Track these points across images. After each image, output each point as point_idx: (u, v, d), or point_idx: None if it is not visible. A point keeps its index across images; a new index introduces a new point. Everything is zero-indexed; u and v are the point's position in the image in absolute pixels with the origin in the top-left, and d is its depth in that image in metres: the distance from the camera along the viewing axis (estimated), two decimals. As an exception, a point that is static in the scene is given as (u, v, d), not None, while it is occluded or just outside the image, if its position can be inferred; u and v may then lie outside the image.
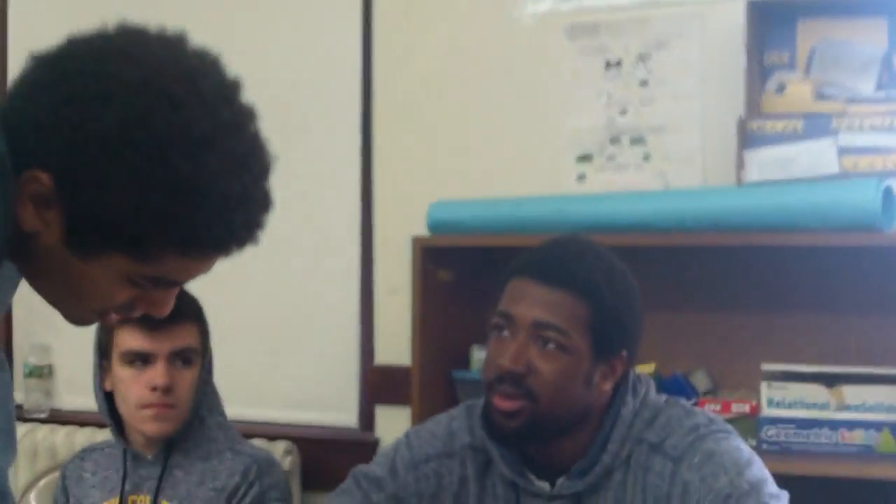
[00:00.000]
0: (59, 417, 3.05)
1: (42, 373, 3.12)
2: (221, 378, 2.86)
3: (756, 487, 1.48)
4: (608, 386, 1.58)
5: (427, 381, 2.32)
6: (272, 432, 2.77)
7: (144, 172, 0.93)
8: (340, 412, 2.81)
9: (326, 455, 2.68)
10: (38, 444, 2.93)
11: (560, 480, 1.59)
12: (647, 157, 2.44)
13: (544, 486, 1.60)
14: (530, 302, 1.55)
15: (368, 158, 2.74)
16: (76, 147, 0.93)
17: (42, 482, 2.59)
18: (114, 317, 1.06)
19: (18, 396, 3.23)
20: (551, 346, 1.53)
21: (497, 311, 1.60)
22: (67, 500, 2.12)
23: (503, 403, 1.54)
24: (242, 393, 2.90)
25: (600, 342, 1.56)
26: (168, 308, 1.07)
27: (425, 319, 2.32)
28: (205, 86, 0.97)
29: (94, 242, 0.97)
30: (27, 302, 3.09)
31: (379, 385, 2.72)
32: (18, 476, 2.86)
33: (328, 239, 2.82)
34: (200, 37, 1.04)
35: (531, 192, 2.44)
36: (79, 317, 1.06)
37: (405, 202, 2.61)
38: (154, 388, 1.97)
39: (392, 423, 2.58)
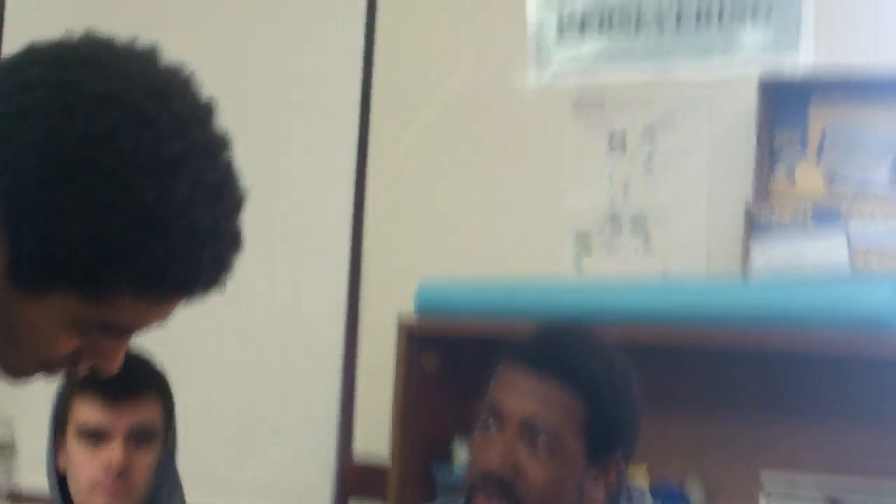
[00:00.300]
0: (21, 497, 2.89)
1: (3, 449, 2.96)
2: (187, 462, 2.72)
3: None
4: (601, 493, 1.45)
5: (406, 477, 2.17)
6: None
7: (105, 196, 0.82)
8: None
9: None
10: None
11: None
12: (647, 241, 2.31)
13: None
14: (521, 395, 1.43)
15: (359, 230, 2.62)
16: (30, 164, 0.83)
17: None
18: (56, 370, 0.94)
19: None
20: (542, 447, 1.40)
21: (485, 401, 1.46)
22: None
23: None
24: (209, 479, 2.75)
25: (595, 443, 1.43)
26: (117, 362, 0.94)
27: (407, 409, 2.17)
28: (177, 104, 0.87)
29: (41, 276, 0.85)
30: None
31: (356, 478, 2.56)
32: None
33: (311, 315, 2.68)
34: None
35: (527, 271, 2.32)
36: (16, 367, 0.93)
37: (395, 278, 2.49)
38: (108, 470, 1.83)
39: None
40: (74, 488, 1.87)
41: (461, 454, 2.17)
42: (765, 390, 2.11)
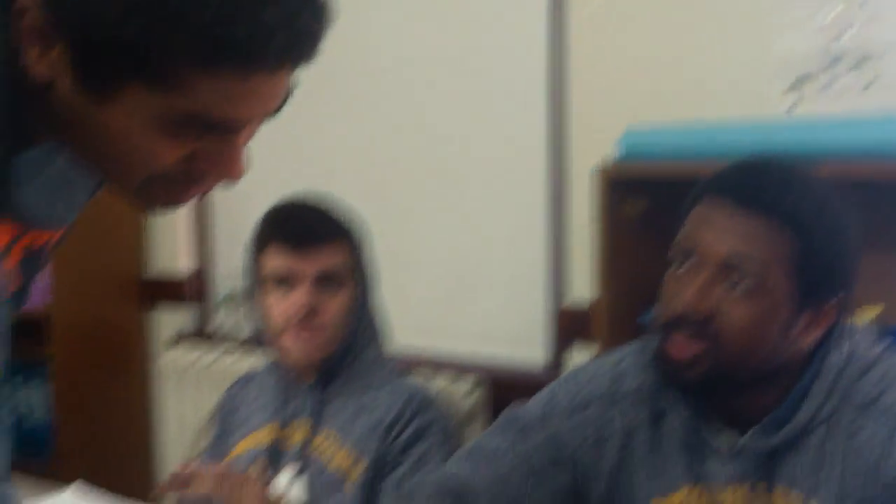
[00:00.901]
0: (253, 346, 3.00)
1: (230, 299, 3.10)
2: (405, 310, 2.79)
3: None
4: (812, 337, 1.30)
5: (614, 324, 2.11)
6: (458, 367, 2.65)
7: None
8: (530, 349, 2.66)
9: (514, 394, 2.52)
10: (228, 369, 2.93)
11: (751, 431, 1.33)
12: (866, 81, 2.12)
13: (727, 441, 1.36)
14: (721, 231, 1.27)
15: (559, 81, 2.54)
16: None
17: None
18: (181, 188, 0.88)
19: (216, 321, 3.27)
20: (744, 286, 1.26)
21: (677, 239, 1.33)
22: (224, 426, 2.06)
23: (678, 351, 1.29)
24: (428, 325, 2.81)
25: (807, 285, 1.26)
26: (238, 165, 0.87)
27: (612, 257, 2.11)
28: None
29: (103, 72, 0.80)
30: (230, 226, 3.11)
31: (570, 323, 2.55)
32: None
33: (516, 168, 2.65)
34: None
35: (737, 117, 2.18)
36: (138, 190, 0.88)
37: (602, 125, 2.40)
38: (296, 310, 1.88)
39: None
40: (269, 333, 1.93)
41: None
42: None
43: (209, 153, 0.86)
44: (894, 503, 1.25)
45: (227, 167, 0.87)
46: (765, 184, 1.27)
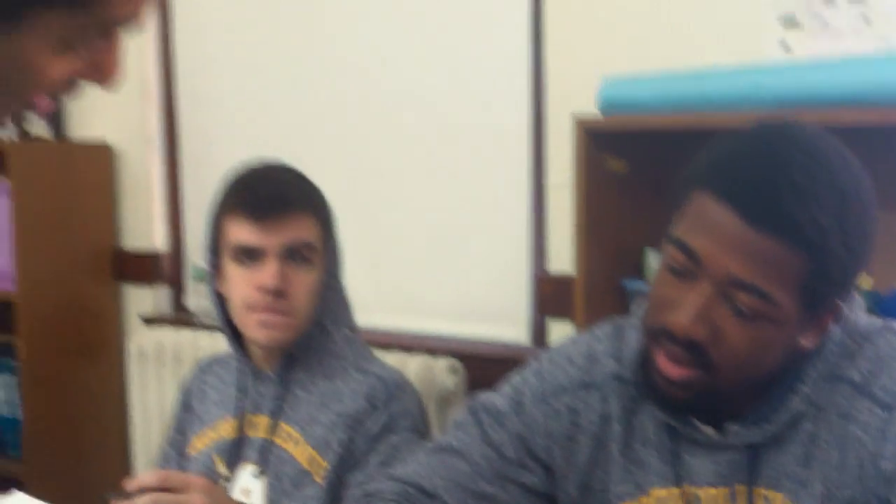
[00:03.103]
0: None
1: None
2: (382, 284, 2.64)
3: None
4: (811, 342, 1.17)
5: (594, 292, 1.96)
6: (434, 347, 2.51)
7: None
8: (509, 325, 2.51)
9: (494, 373, 2.38)
10: (200, 350, 2.80)
11: (733, 427, 1.21)
12: (867, 20, 1.94)
13: (710, 431, 1.23)
14: (727, 246, 1.10)
15: (538, 27, 2.38)
16: None
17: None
18: (44, 101, 0.80)
19: (190, 301, 3.14)
20: (748, 310, 1.11)
21: (676, 236, 1.16)
22: (187, 416, 1.92)
23: (671, 369, 1.16)
24: (401, 302, 2.66)
25: (812, 300, 1.13)
26: (116, 66, 0.79)
27: (591, 219, 1.94)
28: None
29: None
30: (202, 201, 2.95)
31: (551, 295, 2.39)
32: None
33: (495, 126, 2.49)
34: None
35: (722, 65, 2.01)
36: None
37: (576, 78, 2.23)
38: (263, 290, 1.72)
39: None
40: (233, 310, 1.78)
41: (653, 265, 1.94)
42: None
43: (88, 60, 0.78)
44: (886, 500, 1.13)
45: (104, 70, 0.79)
46: (780, 195, 1.09)
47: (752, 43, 2.04)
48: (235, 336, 1.82)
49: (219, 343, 2.74)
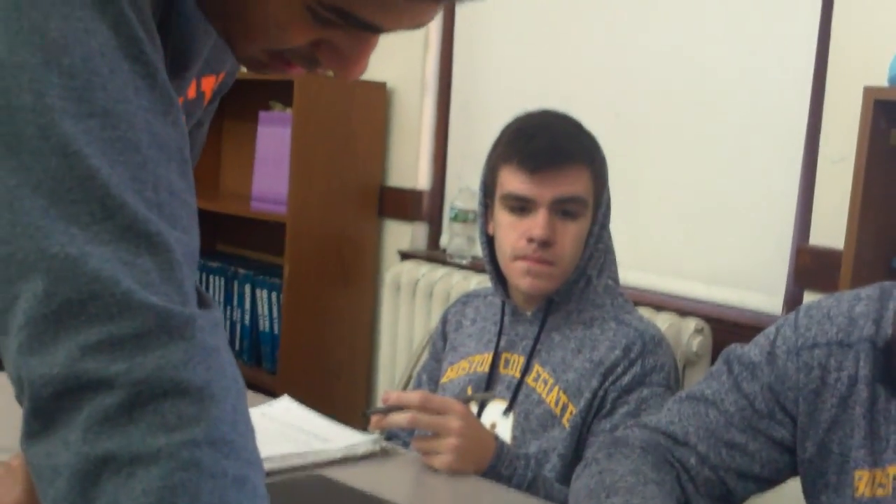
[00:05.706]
0: (479, 266, 2.95)
1: (467, 218, 3.02)
2: (641, 245, 2.64)
3: None
4: None
5: (861, 268, 1.89)
6: (684, 307, 2.49)
7: None
8: (763, 293, 2.46)
9: (741, 339, 2.33)
10: (452, 288, 2.89)
11: None
12: None
13: None
14: None
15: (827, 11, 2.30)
16: None
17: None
18: (291, 67, 0.84)
19: (443, 240, 3.23)
20: None
21: None
22: (444, 345, 2.01)
23: None
24: (656, 261, 2.66)
25: None
26: (360, 67, 0.82)
27: (869, 194, 1.87)
28: None
29: None
30: (465, 146, 3.02)
31: (810, 266, 2.32)
32: (433, 317, 2.85)
33: (775, 96, 2.43)
34: None
35: None
36: (248, 56, 0.84)
37: (864, 50, 2.15)
38: (531, 240, 1.77)
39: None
40: (500, 255, 1.83)
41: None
42: None
43: (337, 46, 0.80)
44: None
45: (349, 66, 0.82)
46: None
47: None
48: (498, 275, 1.89)
49: (470, 282, 2.83)
